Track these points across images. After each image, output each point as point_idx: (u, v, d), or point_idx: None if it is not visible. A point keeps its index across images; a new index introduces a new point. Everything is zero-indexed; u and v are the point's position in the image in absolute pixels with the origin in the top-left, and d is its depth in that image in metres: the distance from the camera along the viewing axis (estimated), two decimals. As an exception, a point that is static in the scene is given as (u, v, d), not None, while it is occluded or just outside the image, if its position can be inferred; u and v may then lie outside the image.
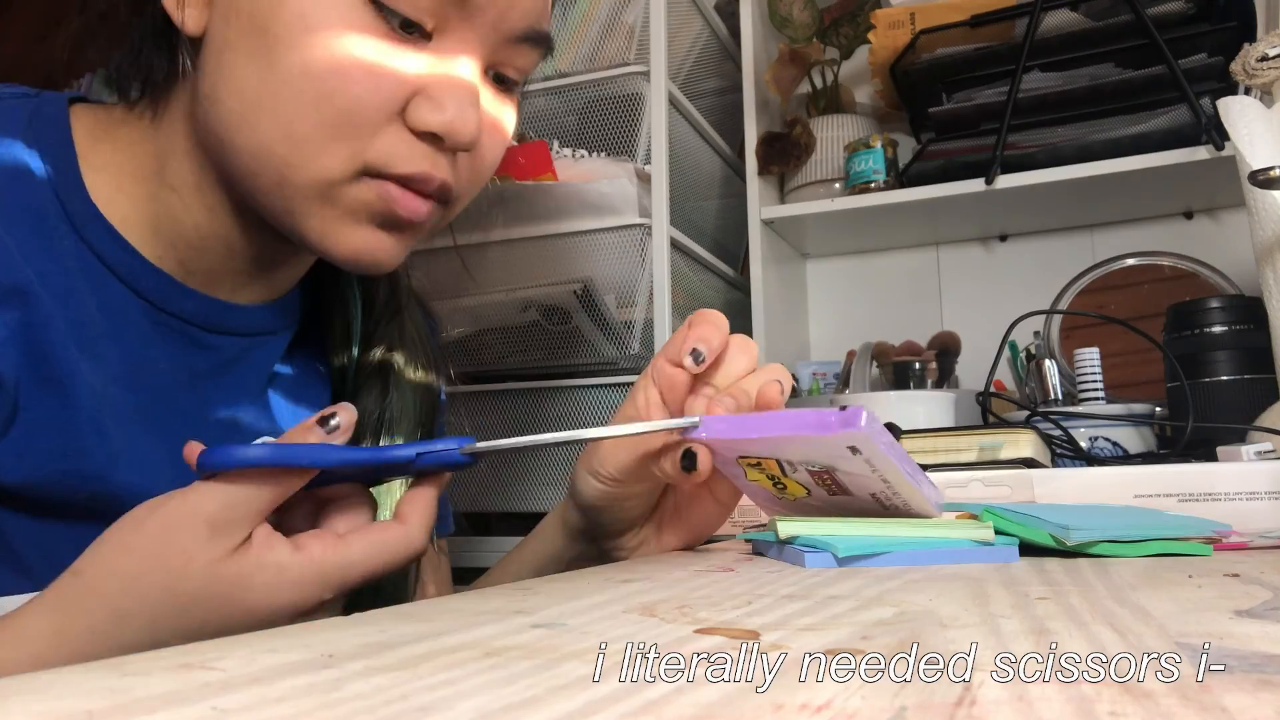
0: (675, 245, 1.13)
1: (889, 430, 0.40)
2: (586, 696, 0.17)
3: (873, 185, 1.23)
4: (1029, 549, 0.44)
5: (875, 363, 1.26)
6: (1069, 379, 1.10)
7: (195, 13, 0.46)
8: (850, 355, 1.27)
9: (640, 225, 1.08)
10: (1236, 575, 0.35)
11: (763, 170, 1.28)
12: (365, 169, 0.45)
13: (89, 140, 0.49)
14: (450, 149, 0.47)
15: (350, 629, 0.24)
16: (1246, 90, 0.98)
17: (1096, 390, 1.01)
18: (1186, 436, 0.85)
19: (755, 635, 0.23)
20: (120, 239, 0.48)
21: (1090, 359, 1.02)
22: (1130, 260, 1.28)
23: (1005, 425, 0.90)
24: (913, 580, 0.34)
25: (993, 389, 1.03)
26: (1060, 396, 1.06)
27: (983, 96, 1.16)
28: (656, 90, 1.13)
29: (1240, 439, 0.79)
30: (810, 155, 1.29)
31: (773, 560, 0.44)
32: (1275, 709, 0.16)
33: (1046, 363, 1.08)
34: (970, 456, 0.74)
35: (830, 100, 1.36)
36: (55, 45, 0.50)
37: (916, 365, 1.23)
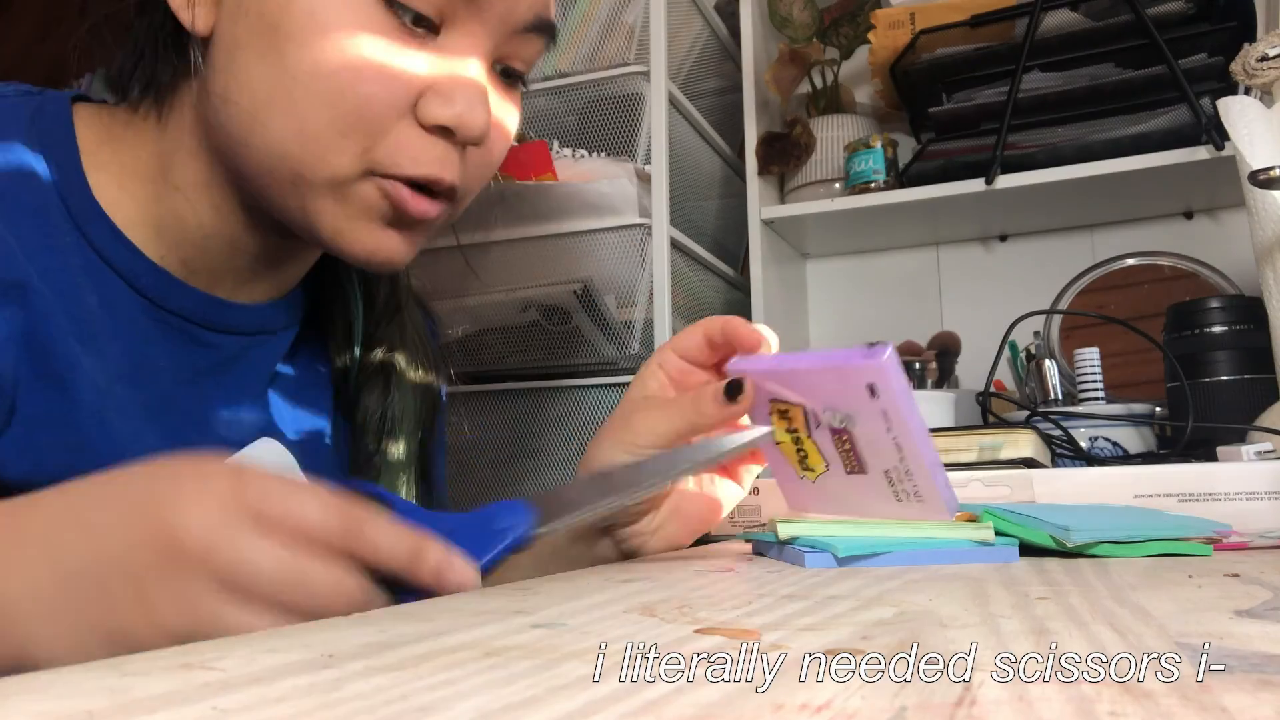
0: (675, 245, 1.13)
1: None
2: (586, 696, 0.17)
3: (873, 185, 1.23)
4: (1029, 549, 0.44)
5: (875, 363, 1.26)
6: (1069, 379, 1.10)
7: (203, 12, 0.46)
8: (850, 355, 1.27)
9: (640, 225, 1.08)
10: (1236, 575, 0.35)
11: (763, 170, 1.28)
12: (372, 168, 0.46)
13: (93, 140, 0.49)
14: (461, 142, 0.47)
15: (350, 629, 0.24)
16: (1246, 90, 0.98)
17: (1096, 390, 1.01)
18: (1186, 436, 0.85)
19: (755, 635, 0.23)
20: (121, 236, 0.48)
21: (1090, 359, 1.02)
22: (1130, 260, 1.28)
23: (1005, 425, 0.90)
24: (913, 580, 0.35)
25: (993, 389, 1.03)
26: (1060, 396, 1.06)
27: (983, 96, 1.16)
28: (656, 90, 1.13)
29: (1240, 439, 0.79)
30: (810, 155, 1.29)
31: (773, 560, 0.44)
32: (1275, 709, 0.16)
33: (1046, 363, 1.08)
34: (970, 456, 0.74)
35: (830, 100, 1.36)
36: (60, 46, 0.50)
37: (916, 365, 1.23)
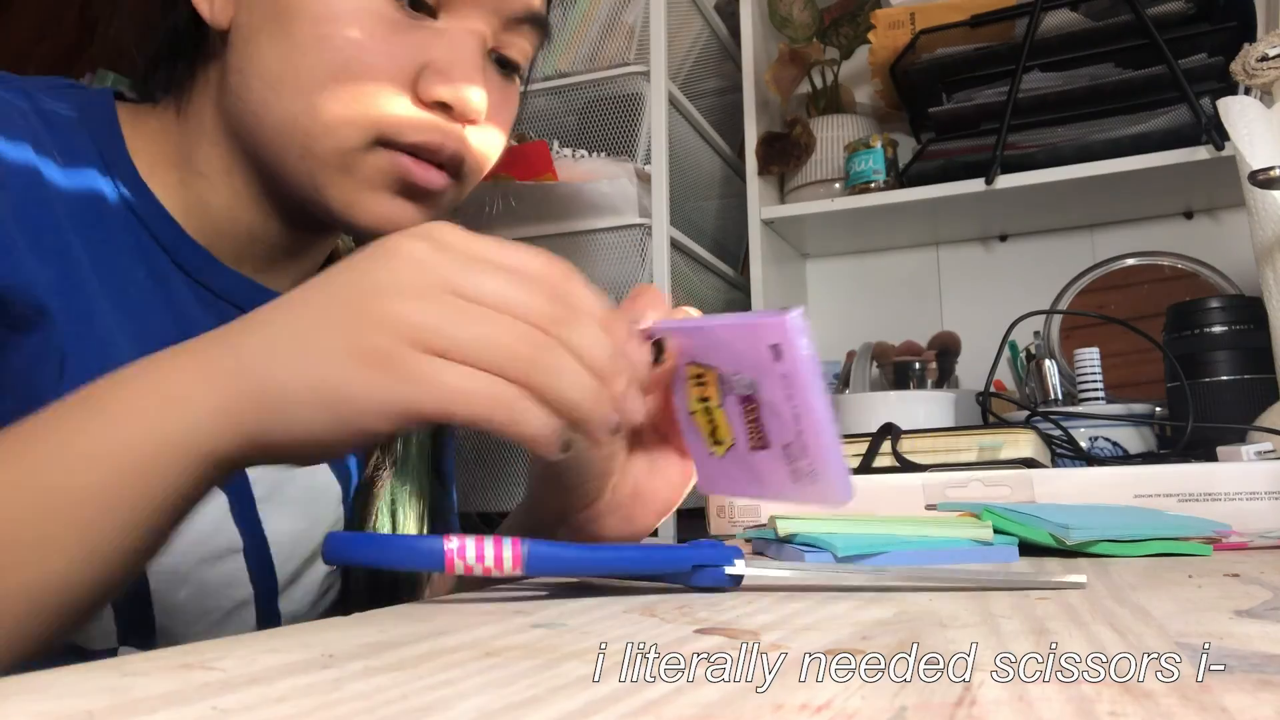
0: (675, 245, 1.13)
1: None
2: (586, 696, 0.17)
3: (873, 185, 1.23)
4: (1029, 549, 0.44)
5: (875, 363, 1.26)
6: (1069, 379, 1.10)
7: (222, 5, 0.49)
8: (850, 355, 1.27)
9: (640, 225, 1.08)
10: (1236, 575, 0.35)
11: (763, 170, 1.28)
12: (379, 138, 0.47)
13: (126, 130, 0.52)
14: (459, 119, 0.49)
15: (350, 629, 0.24)
16: (1246, 90, 0.98)
17: (1096, 390, 1.01)
18: (1186, 436, 0.85)
19: (755, 635, 0.23)
20: (167, 215, 0.51)
21: (1090, 359, 1.02)
22: (1130, 260, 1.28)
23: (1005, 425, 0.90)
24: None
25: (993, 389, 1.03)
26: (1060, 396, 1.06)
27: (983, 96, 1.16)
28: (656, 90, 1.13)
29: (1240, 439, 0.79)
30: (810, 155, 1.29)
31: (772, 559, 0.44)
32: (1275, 709, 0.16)
33: (1046, 363, 1.08)
34: (970, 456, 0.74)
35: (830, 100, 1.36)
36: (60, 45, 0.52)
37: (916, 365, 1.23)
